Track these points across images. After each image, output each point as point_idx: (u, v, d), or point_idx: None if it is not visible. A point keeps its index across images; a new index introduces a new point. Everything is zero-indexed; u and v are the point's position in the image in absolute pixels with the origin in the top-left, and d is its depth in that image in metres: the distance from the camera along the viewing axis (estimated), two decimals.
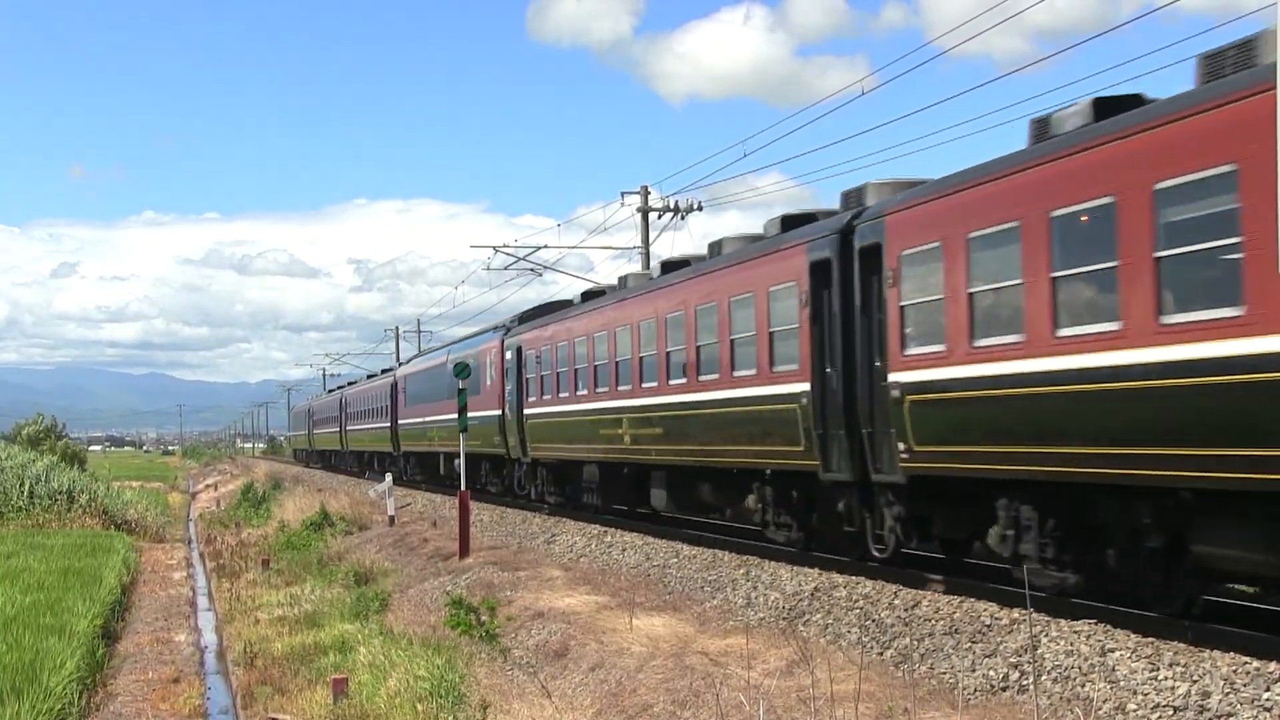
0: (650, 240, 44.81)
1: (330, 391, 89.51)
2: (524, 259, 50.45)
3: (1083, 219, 12.43)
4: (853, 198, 18.22)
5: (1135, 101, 12.97)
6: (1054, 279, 12.86)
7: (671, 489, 24.69)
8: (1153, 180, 11.52)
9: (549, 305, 35.79)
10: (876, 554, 17.33)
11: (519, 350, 33.62)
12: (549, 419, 31.07)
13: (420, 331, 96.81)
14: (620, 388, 25.93)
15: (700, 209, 44.33)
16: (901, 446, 15.66)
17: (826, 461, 17.80)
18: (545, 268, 51.00)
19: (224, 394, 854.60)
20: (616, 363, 26.22)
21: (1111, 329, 12.03)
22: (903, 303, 15.66)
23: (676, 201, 44.16)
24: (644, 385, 24.54)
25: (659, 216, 44.62)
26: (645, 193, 44.58)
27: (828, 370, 17.67)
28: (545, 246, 50.20)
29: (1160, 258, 11.47)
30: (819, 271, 17.78)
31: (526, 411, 32.70)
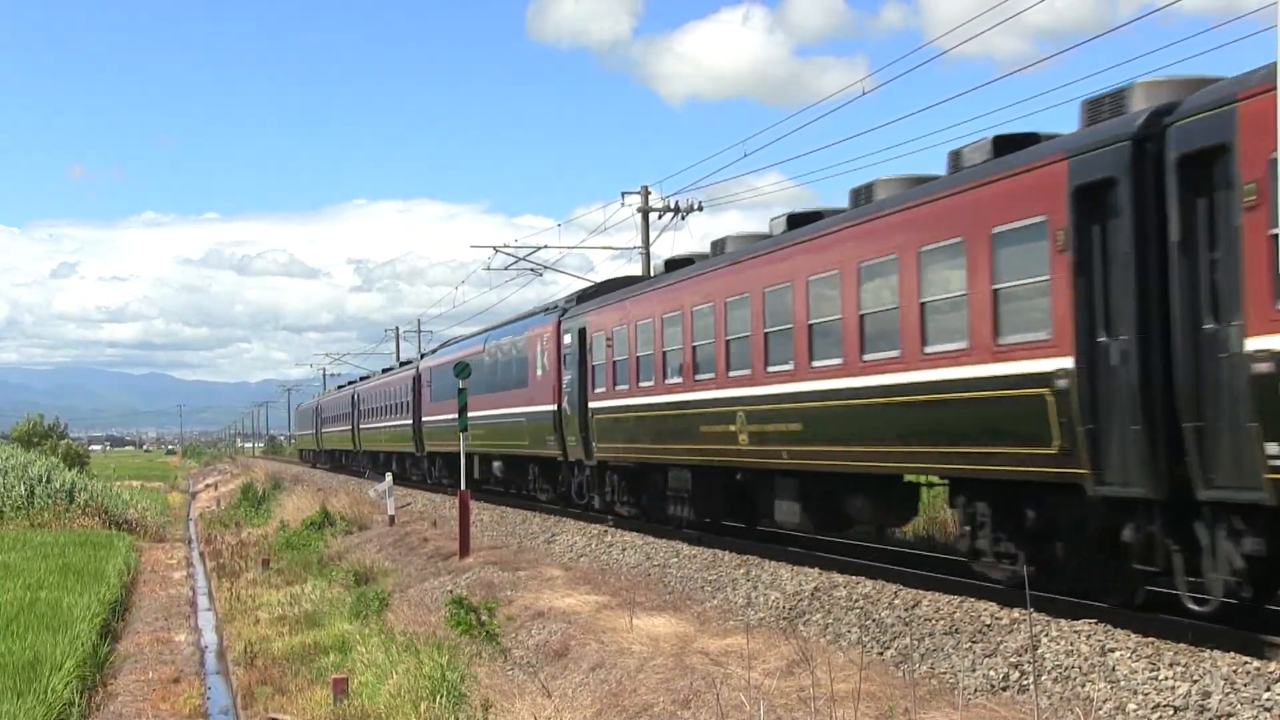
0: (650, 240, 44.86)
1: (341, 387, 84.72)
2: (524, 259, 50.48)
3: None
4: (1101, 104, 13.38)
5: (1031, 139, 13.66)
6: None
7: (808, 502, 19.60)
8: None
9: (615, 281, 30.84)
10: (1194, 608, 12.19)
11: (582, 333, 28.38)
12: (624, 413, 25.91)
13: (420, 331, 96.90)
14: (733, 373, 20.81)
15: (700, 209, 44.36)
16: (1274, 449, 10.67)
17: (1100, 469, 12.69)
18: (545, 268, 51.04)
19: (224, 394, 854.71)
20: (727, 342, 20.95)
21: None
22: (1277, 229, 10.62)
23: (677, 201, 44.18)
24: (770, 370, 19.46)
25: (659, 216, 44.64)
26: (645, 193, 44.59)
27: (1101, 340, 12.64)
28: (545, 246, 50.25)
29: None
30: (1090, 199, 12.70)
31: (593, 405, 27.59)
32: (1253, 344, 10.84)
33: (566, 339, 29.18)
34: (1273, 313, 10.63)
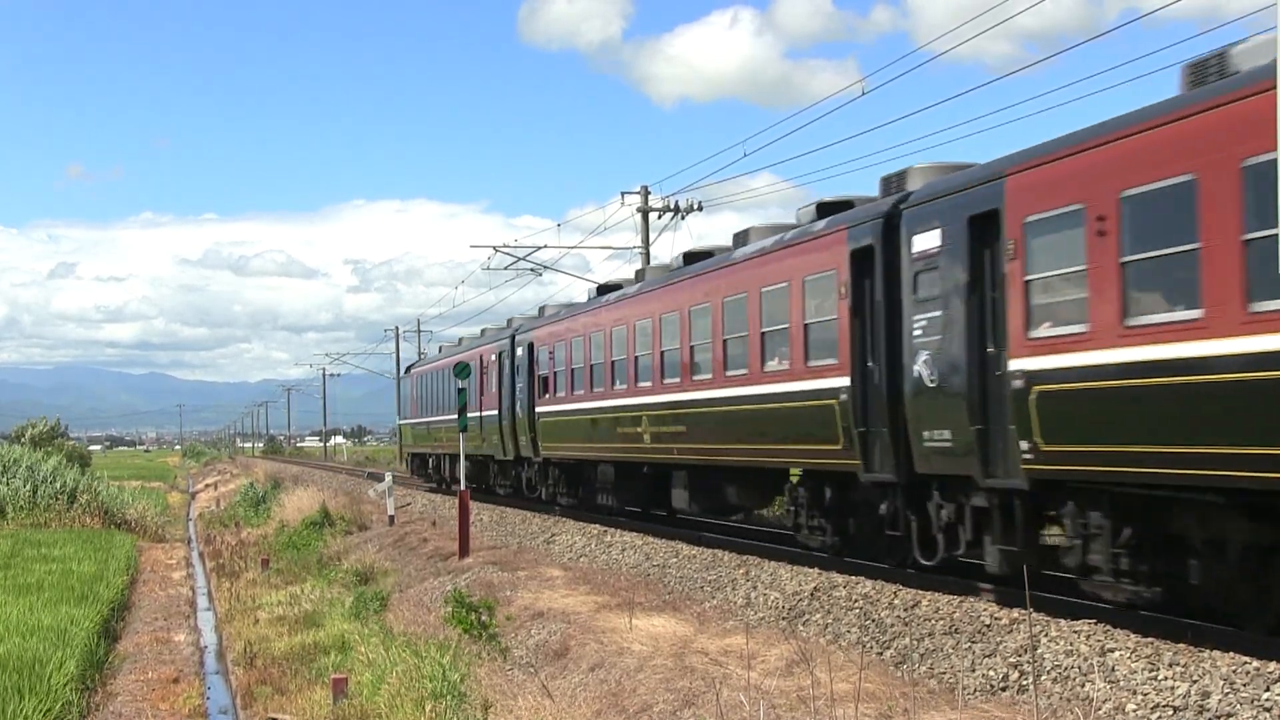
0: (650, 240, 44.87)
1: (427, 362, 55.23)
2: (523, 259, 50.50)
3: None
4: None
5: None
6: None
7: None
8: None
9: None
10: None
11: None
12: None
13: (420, 331, 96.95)
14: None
15: (700, 209, 44.40)
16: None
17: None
18: (544, 268, 51.05)
19: (224, 393, 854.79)
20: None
21: None
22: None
23: (677, 201, 44.22)
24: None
25: (659, 217, 44.68)
26: (645, 193, 44.62)
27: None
28: (545, 246, 50.27)
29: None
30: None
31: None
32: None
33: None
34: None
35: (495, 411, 35.79)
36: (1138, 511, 12.90)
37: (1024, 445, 13.64)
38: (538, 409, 32.06)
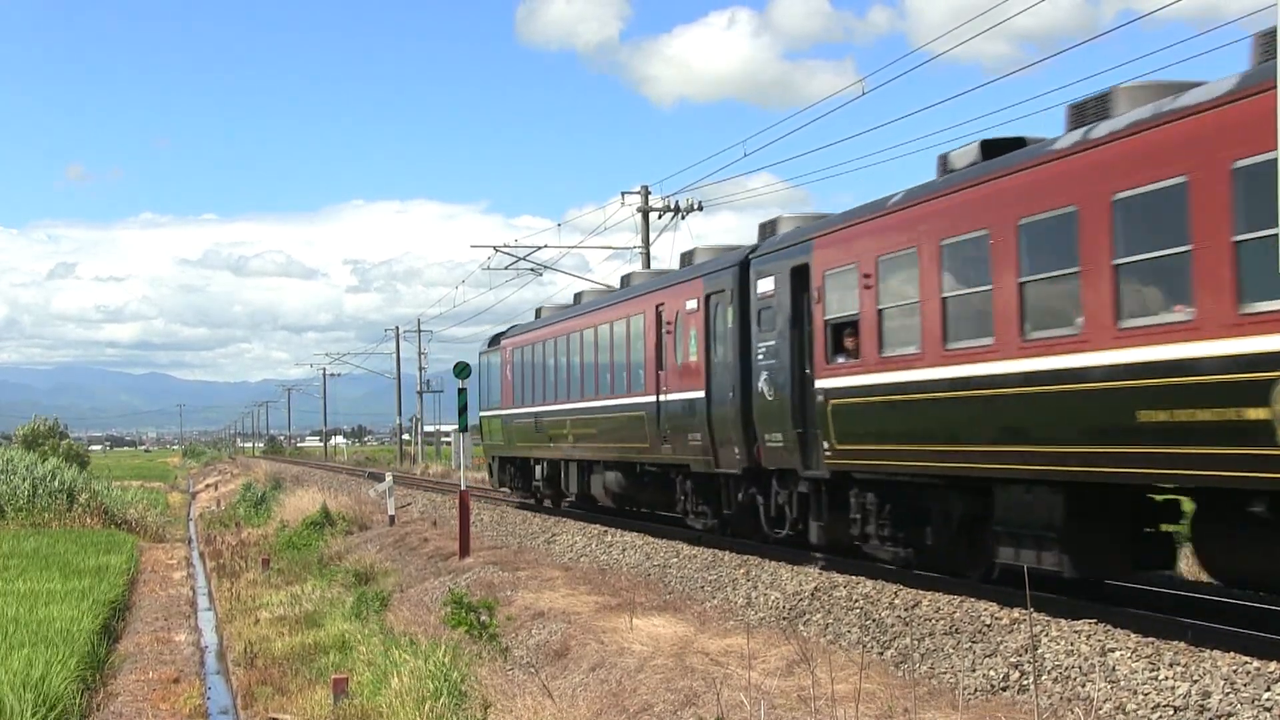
0: (650, 240, 44.88)
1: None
2: (523, 259, 50.51)
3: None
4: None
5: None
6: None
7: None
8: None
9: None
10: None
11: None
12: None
13: (420, 331, 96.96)
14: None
15: (700, 209, 44.41)
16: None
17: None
18: (544, 268, 51.06)
19: (224, 393, 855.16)
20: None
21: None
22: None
23: (677, 201, 44.24)
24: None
25: (659, 216, 44.69)
26: (645, 193, 44.63)
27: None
28: (545, 246, 50.28)
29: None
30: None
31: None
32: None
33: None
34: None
35: (697, 394, 22.46)
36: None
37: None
38: (826, 382, 17.98)
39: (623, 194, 44.61)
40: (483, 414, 38.92)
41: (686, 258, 25.32)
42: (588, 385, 29.07)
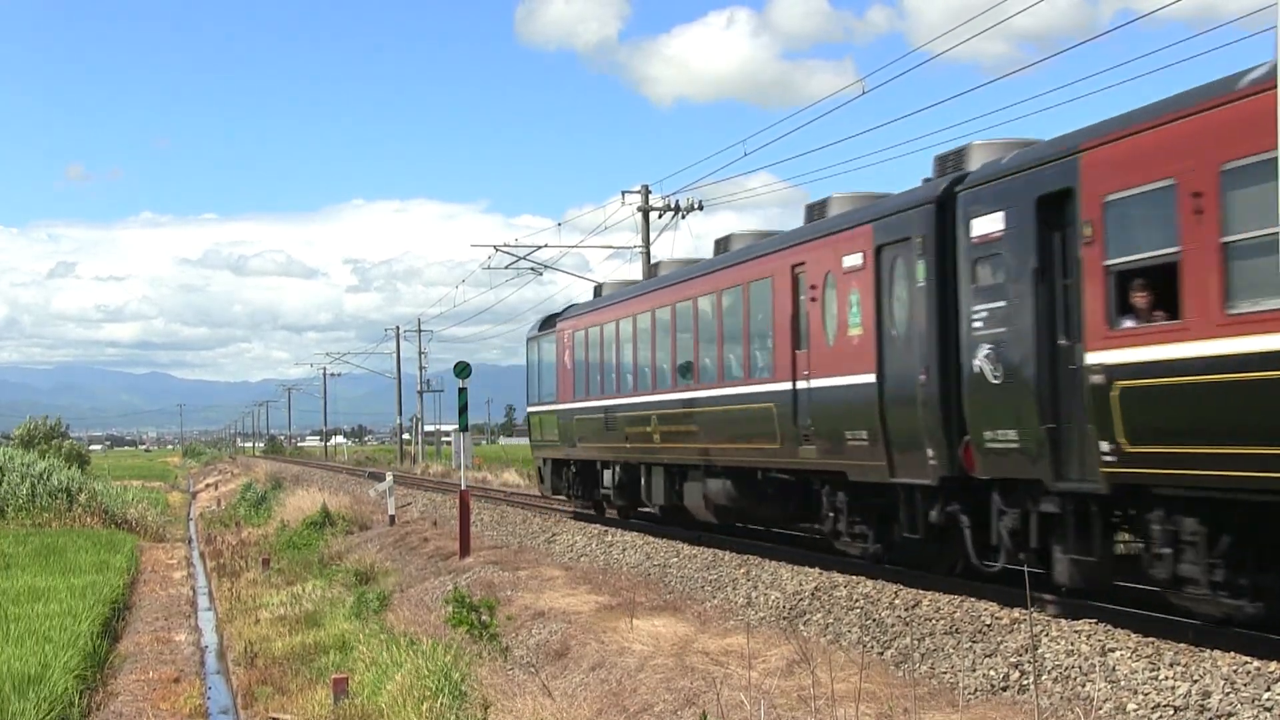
0: (651, 239, 44.90)
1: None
2: (524, 258, 50.54)
3: None
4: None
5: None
6: None
7: None
8: None
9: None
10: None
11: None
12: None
13: (420, 331, 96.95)
14: None
15: (700, 208, 44.43)
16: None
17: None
18: (545, 267, 51.09)
19: (224, 393, 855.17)
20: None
21: None
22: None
23: (677, 201, 44.26)
24: None
25: (659, 216, 44.70)
26: (646, 192, 44.65)
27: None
28: (545, 246, 50.32)
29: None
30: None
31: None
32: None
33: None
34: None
35: (861, 378, 17.20)
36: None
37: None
38: (1106, 355, 12.83)
39: (623, 193, 44.65)
40: (531, 410, 33.55)
41: (816, 210, 19.47)
42: (683, 373, 23.30)
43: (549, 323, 32.71)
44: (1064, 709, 10.59)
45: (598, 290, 31.13)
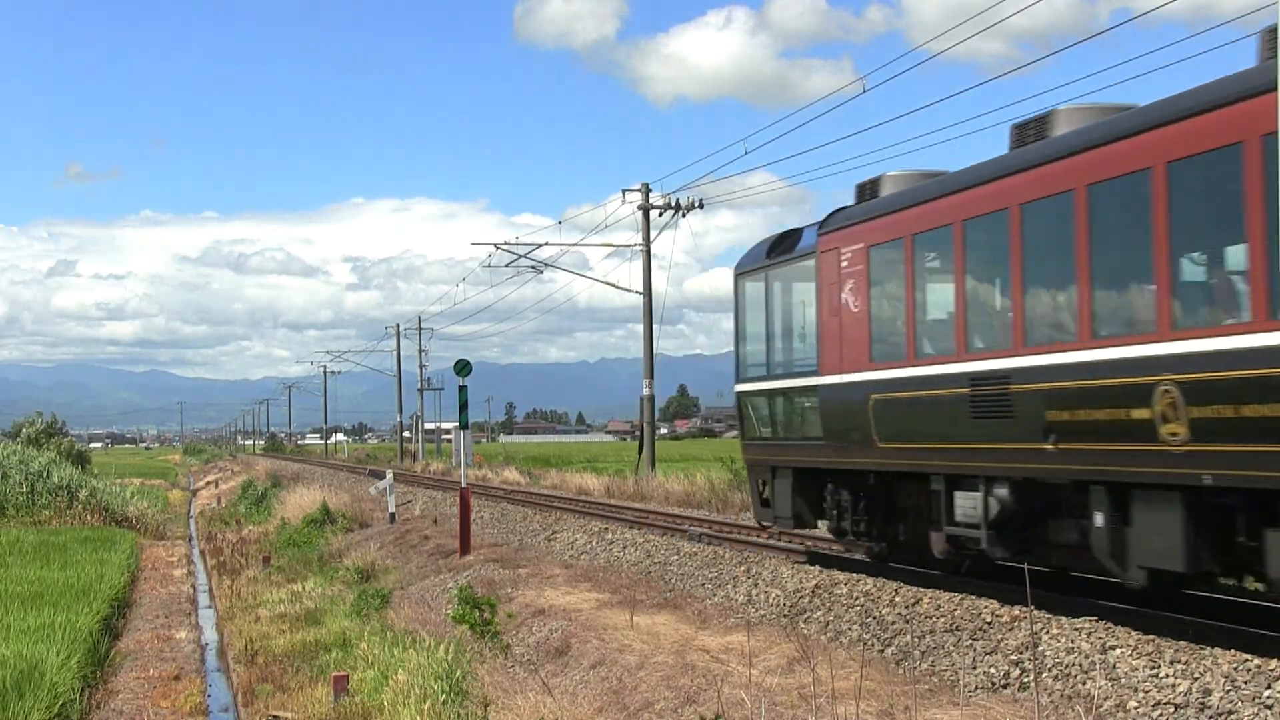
0: (651, 238, 44.88)
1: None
2: (524, 256, 50.55)
3: None
4: (867, 189, 17.06)
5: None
6: None
7: None
8: None
9: None
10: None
11: None
12: None
13: (421, 329, 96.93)
14: None
15: (700, 206, 44.42)
16: None
17: None
18: (545, 265, 51.09)
19: (225, 391, 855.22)
20: None
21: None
22: None
23: (677, 199, 44.25)
24: None
25: (659, 214, 44.70)
26: (646, 190, 44.64)
27: None
28: (545, 244, 50.33)
29: None
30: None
31: None
32: None
33: None
34: None
35: None
36: None
37: None
38: None
39: (623, 191, 44.66)
40: (749, 388, 20.48)
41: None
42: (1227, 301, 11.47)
43: (785, 244, 19.84)
44: (1064, 706, 10.59)
45: (863, 189, 17.91)
